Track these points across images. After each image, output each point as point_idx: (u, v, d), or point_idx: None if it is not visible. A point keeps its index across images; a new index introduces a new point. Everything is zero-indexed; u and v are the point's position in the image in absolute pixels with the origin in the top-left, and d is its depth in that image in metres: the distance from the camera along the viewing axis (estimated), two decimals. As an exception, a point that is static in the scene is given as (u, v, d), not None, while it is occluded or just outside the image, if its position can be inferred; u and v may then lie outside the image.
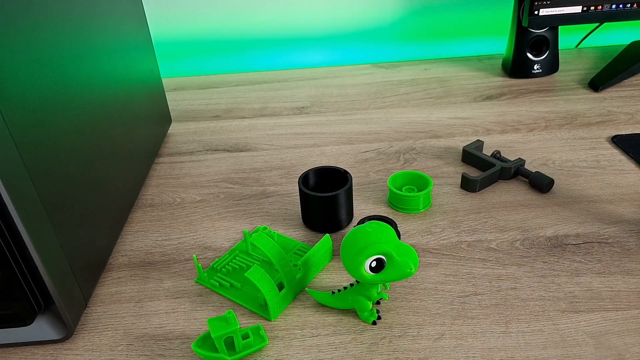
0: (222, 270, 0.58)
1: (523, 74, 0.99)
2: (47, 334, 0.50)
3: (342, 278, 0.56)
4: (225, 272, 0.58)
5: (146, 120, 0.78)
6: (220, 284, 0.56)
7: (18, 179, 0.43)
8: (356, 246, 0.46)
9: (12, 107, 0.42)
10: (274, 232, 0.62)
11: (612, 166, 0.72)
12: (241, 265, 0.59)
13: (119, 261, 0.61)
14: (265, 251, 0.52)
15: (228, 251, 0.61)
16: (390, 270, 0.46)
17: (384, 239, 0.46)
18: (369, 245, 0.46)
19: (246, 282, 0.56)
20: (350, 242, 0.47)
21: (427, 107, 0.92)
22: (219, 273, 0.58)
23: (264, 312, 0.52)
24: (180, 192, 0.73)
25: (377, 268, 0.46)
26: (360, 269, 0.46)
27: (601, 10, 0.92)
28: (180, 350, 0.50)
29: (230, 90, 1.04)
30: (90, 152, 0.57)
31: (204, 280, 0.57)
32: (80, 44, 0.57)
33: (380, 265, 0.46)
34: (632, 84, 0.94)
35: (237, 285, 0.56)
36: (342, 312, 0.52)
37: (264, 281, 0.50)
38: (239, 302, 0.54)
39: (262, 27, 1.12)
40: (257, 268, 0.51)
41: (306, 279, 0.55)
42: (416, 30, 1.14)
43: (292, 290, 0.54)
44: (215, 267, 0.59)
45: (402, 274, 0.46)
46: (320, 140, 0.83)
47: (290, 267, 0.53)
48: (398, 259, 0.46)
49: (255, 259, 0.60)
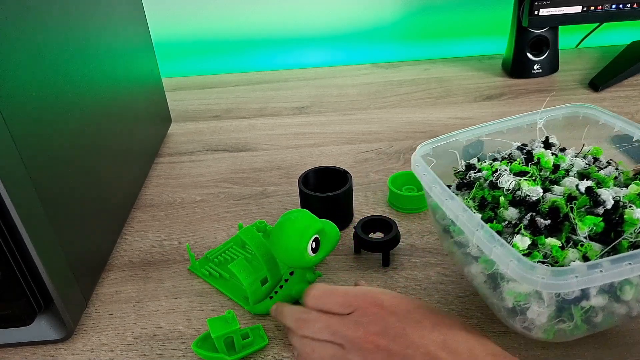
0: (215, 260, 0.60)
1: (523, 74, 0.99)
2: (47, 334, 0.50)
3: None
4: (217, 262, 0.60)
5: (146, 120, 0.78)
6: (210, 273, 0.58)
7: (18, 179, 0.43)
8: (293, 236, 0.48)
9: (12, 107, 0.42)
10: (270, 226, 0.62)
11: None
12: (232, 257, 0.60)
13: (118, 261, 0.61)
14: (252, 246, 0.52)
15: (223, 242, 0.62)
16: (326, 244, 0.50)
17: (310, 219, 0.49)
18: (304, 229, 0.48)
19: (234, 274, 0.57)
20: (284, 235, 0.49)
21: (427, 107, 0.91)
22: (211, 263, 0.60)
23: (246, 304, 0.54)
24: (180, 192, 0.73)
25: (316, 248, 0.49)
26: (305, 255, 0.48)
27: (601, 10, 0.92)
28: (180, 350, 0.50)
29: (230, 90, 1.04)
30: (90, 152, 0.57)
31: (196, 269, 0.59)
32: (80, 44, 0.57)
33: (317, 243, 0.49)
34: (632, 84, 0.94)
35: (226, 276, 0.58)
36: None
37: (246, 274, 0.51)
38: (224, 292, 0.56)
39: (262, 27, 1.12)
40: (241, 260, 0.52)
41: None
42: (416, 30, 1.14)
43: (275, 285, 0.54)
44: (209, 257, 0.60)
45: (335, 241, 0.50)
46: (320, 140, 0.83)
47: (276, 263, 0.53)
48: (329, 230, 0.50)
49: (249, 252, 0.61)
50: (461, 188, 0.49)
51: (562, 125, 0.51)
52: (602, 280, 0.35)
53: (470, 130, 0.53)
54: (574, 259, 0.39)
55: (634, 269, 0.35)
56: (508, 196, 0.45)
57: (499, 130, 0.51)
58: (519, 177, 0.45)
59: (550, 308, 0.38)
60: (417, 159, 0.49)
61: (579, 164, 0.46)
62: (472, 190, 0.47)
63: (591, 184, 0.42)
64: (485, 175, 0.48)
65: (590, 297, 0.37)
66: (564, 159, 0.46)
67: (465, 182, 0.49)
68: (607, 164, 0.47)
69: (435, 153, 0.51)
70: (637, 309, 0.41)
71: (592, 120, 0.50)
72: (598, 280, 0.35)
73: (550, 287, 0.35)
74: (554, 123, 0.52)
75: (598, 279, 0.35)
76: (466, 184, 0.49)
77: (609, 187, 0.42)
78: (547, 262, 0.39)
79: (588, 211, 0.41)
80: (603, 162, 0.47)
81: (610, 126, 0.49)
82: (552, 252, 0.39)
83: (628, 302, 0.40)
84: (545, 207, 0.42)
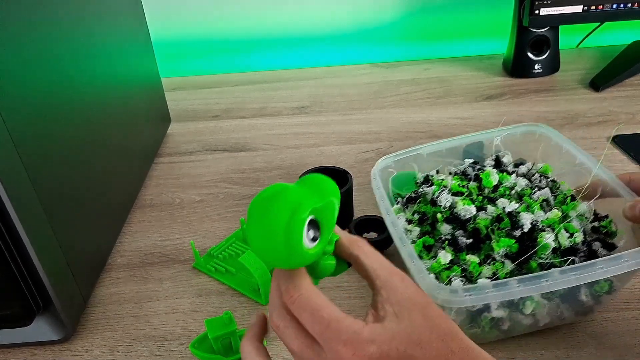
0: (219, 256, 0.60)
1: (524, 74, 0.99)
2: (46, 335, 0.50)
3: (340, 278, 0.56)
4: (221, 258, 0.60)
5: (145, 120, 0.78)
6: (216, 269, 0.58)
7: (17, 179, 0.43)
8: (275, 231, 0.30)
9: (11, 107, 0.42)
10: None
11: (613, 167, 0.71)
12: (237, 252, 0.61)
13: (118, 262, 0.61)
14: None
15: (225, 239, 0.63)
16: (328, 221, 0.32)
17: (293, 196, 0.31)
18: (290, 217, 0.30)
19: (241, 268, 0.58)
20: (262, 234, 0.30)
21: (427, 107, 0.91)
22: (215, 259, 0.60)
23: (257, 297, 0.55)
24: (179, 193, 0.73)
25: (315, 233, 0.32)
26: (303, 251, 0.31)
27: (602, 10, 0.91)
28: (180, 351, 0.50)
29: (230, 90, 1.03)
30: (89, 153, 0.57)
31: (201, 265, 0.59)
32: (79, 44, 0.56)
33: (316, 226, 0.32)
34: (633, 83, 0.94)
35: (232, 270, 0.58)
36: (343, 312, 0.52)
37: (257, 266, 0.52)
38: (233, 287, 0.56)
39: (262, 27, 1.12)
40: (250, 253, 0.53)
41: None
42: (416, 29, 1.14)
43: None
44: (212, 254, 0.61)
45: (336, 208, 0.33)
46: (320, 140, 0.83)
47: None
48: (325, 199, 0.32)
49: None
50: (410, 202, 0.54)
51: (520, 142, 0.56)
52: (494, 299, 0.40)
53: (432, 145, 0.57)
54: (487, 275, 0.44)
55: (522, 291, 0.40)
56: (446, 212, 0.50)
57: (460, 145, 0.56)
58: (456, 197, 0.51)
59: (461, 316, 0.43)
60: (374, 172, 0.54)
61: (521, 183, 0.50)
62: (414, 206, 0.53)
63: (518, 207, 0.47)
64: (432, 191, 0.53)
65: (491, 310, 0.43)
66: (508, 178, 0.51)
67: (414, 197, 0.54)
68: (550, 182, 0.51)
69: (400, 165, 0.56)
70: (544, 321, 0.46)
71: (545, 138, 0.55)
72: (489, 298, 0.40)
73: (447, 303, 0.40)
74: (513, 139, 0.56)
75: (489, 297, 0.40)
76: (414, 198, 0.54)
77: (534, 212, 0.47)
78: (464, 276, 0.45)
79: (507, 232, 0.46)
80: (544, 182, 0.51)
81: (560, 147, 0.53)
82: (470, 268, 0.45)
83: (533, 315, 0.44)
84: (470, 227, 0.47)
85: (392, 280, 0.34)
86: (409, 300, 0.33)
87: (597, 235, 0.46)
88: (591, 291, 0.44)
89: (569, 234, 0.44)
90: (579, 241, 0.44)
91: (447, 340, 0.32)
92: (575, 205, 0.47)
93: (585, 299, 0.44)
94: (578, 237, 0.44)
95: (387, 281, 0.34)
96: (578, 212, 0.46)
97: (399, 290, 0.33)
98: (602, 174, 0.47)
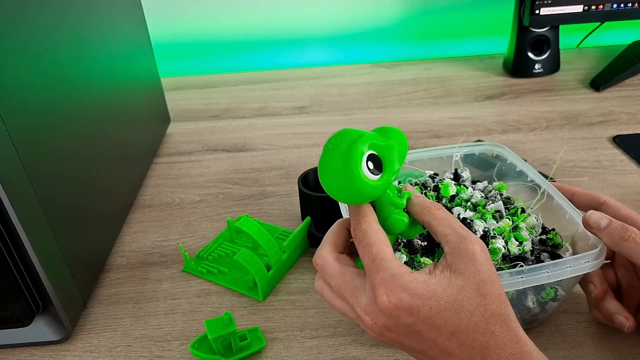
0: (209, 257, 0.60)
1: (524, 74, 0.99)
2: (45, 335, 0.50)
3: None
4: (211, 259, 0.60)
5: (145, 120, 0.78)
6: (209, 270, 0.58)
7: (16, 180, 0.43)
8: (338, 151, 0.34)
9: (10, 108, 0.42)
10: (255, 219, 0.62)
11: (613, 166, 0.71)
12: (227, 252, 0.61)
13: (117, 262, 0.61)
14: (252, 234, 0.54)
15: (212, 240, 0.63)
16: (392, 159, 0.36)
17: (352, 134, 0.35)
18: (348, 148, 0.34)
19: (233, 267, 0.58)
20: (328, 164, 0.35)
21: (427, 107, 0.91)
22: (206, 261, 0.60)
23: (253, 293, 0.55)
24: (179, 193, 0.73)
25: (377, 168, 0.35)
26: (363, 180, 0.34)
27: (602, 10, 0.91)
28: (179, 352, 0.50)
29: (229, 90, 1.03)
30: (89, 153, 0.57)
31: (192, 269, 0.59)
32: (78, 44, 0.56)
33: (379, 162, 0.35)
34: (633, 83, 0.94)
35: (225, 270, 0.58)
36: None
37: (252, 262, 0.53)
38: (228, 286, 0.56)
39: (262, 27, 1.12)
40: (245, 250, 0.53)
41: (291, 260, 0.58)
42: (416, 29, 1.13)
43: (279, 271, 0.56)
44: (201, 256, 0.60)
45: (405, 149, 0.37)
46: (320, 140, 0.83)
47: (277, 249, 0.55)
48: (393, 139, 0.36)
49: (240, 245, 0.62)
50: None
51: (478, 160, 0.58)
52: None
53: None
54: None
55: None
56: None
57: (421, 159, 0.57)
58: None
59: None
60: None
61: (477, 196, 0.51)
62: None
63: (472, 215, 0.48)
64: None
65: None
66: (465, 190, 0.52)
67: None
68: (505, 199, 0.52)
69: None
70: None
71: (501, 158, 0.56)
72: None
73: None
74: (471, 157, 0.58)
75: None
76: None
77: (487, 220, 0.48)
78: None
79: None
80: (499, 197, 0.52)
81: (515, 165, 0.54)
82: None
83: None
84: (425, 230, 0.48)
85: (460, 248, 0.34)
86: (470, 272, 0.34)
87: (544, 247, 0.47)
88: (537, 298, 0.45)
89: (518, 242, 0.45)
90: (527, 249, 0.45)
91: (491, 321, 0.33)
92: (526, 217, 0.48)
93: (531, 305, 0.45)
94: (527, 245, 0.45)
95: (455, 249, 0.35)
96: (527, 224, 0.48)
97: (464, 259, 0.34)
98: (549, 190, 0.49)
